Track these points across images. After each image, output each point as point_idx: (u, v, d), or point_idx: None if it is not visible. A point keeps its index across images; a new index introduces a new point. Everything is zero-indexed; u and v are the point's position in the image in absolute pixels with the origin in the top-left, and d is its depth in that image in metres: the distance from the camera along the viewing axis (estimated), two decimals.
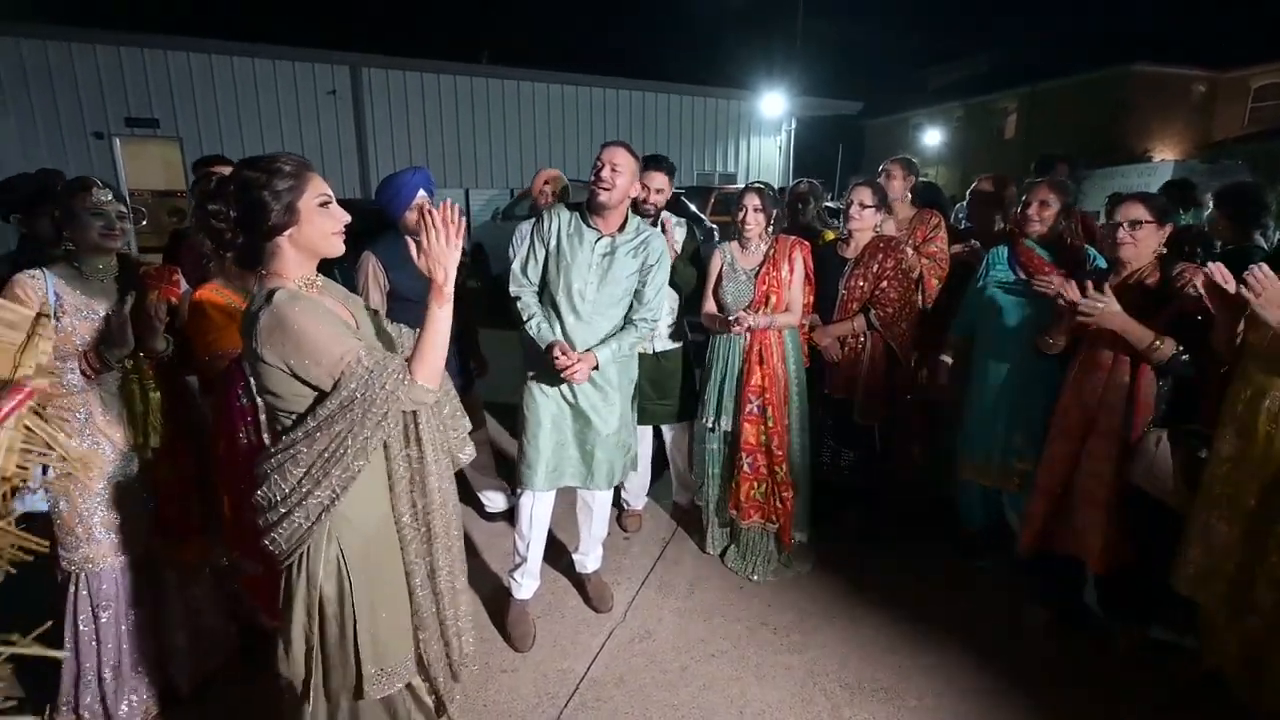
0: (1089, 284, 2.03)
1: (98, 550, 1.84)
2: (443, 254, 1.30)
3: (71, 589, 1.85)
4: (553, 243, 2.27)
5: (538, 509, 2.37)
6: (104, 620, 1.88)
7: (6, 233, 2.47)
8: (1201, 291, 1.87)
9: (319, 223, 1.31)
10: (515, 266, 2.36)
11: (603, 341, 2.26)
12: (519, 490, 2.38)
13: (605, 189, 2.17)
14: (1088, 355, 2.15)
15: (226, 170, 2.41)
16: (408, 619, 1.47)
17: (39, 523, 1.81)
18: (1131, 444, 2.07)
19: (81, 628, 1.86)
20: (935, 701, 2.09)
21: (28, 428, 1.41)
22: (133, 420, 1.89)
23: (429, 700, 1.55)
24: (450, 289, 1.32)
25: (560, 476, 2.35)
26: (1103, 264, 2.36)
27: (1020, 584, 2.60)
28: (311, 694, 1.36)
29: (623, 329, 2.31)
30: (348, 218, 1.35)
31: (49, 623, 1.25)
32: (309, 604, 1.32)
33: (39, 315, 1.57)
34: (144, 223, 11.97)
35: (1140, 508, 2.11)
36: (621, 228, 2.29)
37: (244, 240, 1.29)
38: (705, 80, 17.15)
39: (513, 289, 2.33)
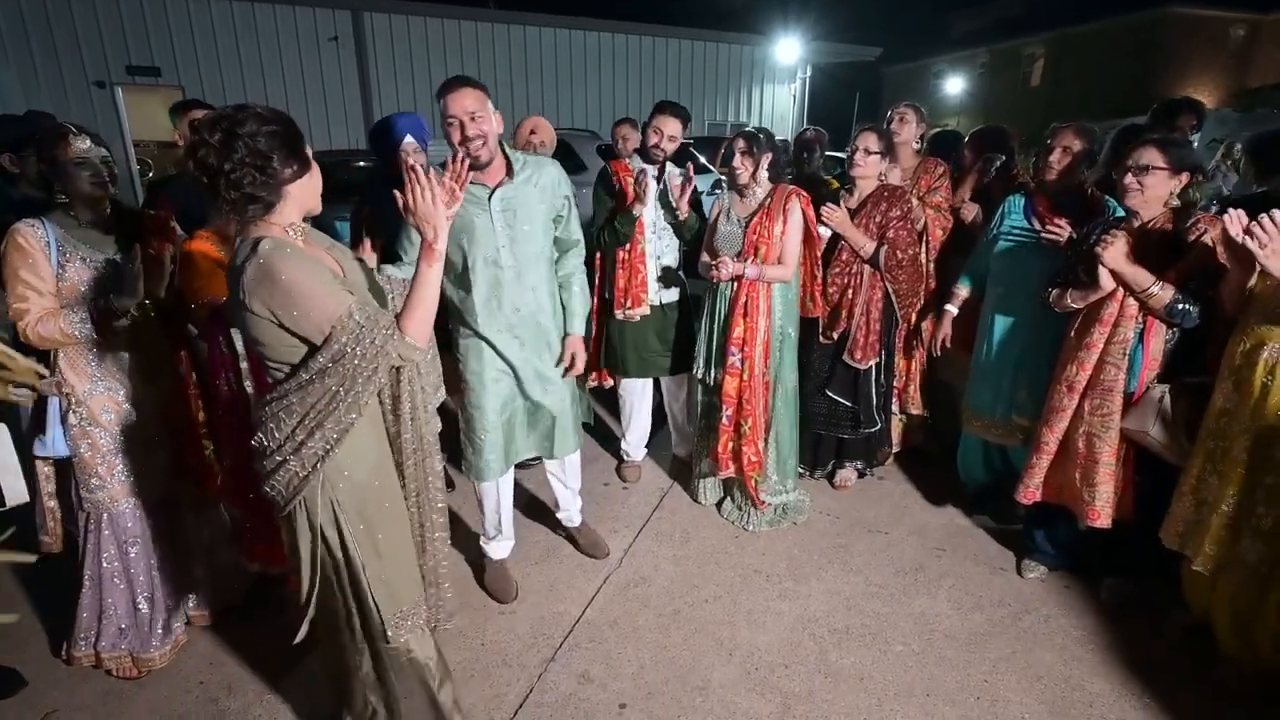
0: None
1: (120, 490, 1.90)
2: (430, 212, 1.28)
3: (94, 528, 1.92)
4: None
5: (502, 491, 2.31)
6: (133, 555, 1.96)
7: None
8: (1216, 244, 1.82)
9: (315, 175, 1.33)
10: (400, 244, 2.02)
11: (568, 324, 2.25)
12: (475, 482, 2.26)
13: (482, 143, 1.87)
14: (1090, 309, 2.11)
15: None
16: (415, 563, 1.51)
17: (62, 466, 1.89)
18: (1135, 399, 2.05)
19: (105, 564, 1.94)
20: (921, 646, 2.14)
21: None
22: (143, 365, 1.92)
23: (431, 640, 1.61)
24: (441, 246, 1.30)
25: (516, 452, 2.23)
26: (1122, 215, 2.29)
27: (1018, 536, 2.62)
28: (322, 635, 1.42)
29: (572, 291, 2.24)
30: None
31: (12, 528, 1.23)
32: (313, 550, 1.36)
33: None
34: (150, 175, 11.92)
35: (1143, 463, 2.10)
36: (510, 172, 2.01)
37: (259, 191, 1.24)
38: (717, 25, 16.54)
39: (395, 270, 1.98)
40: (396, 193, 1.30)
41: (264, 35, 12.07)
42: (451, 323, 2.16)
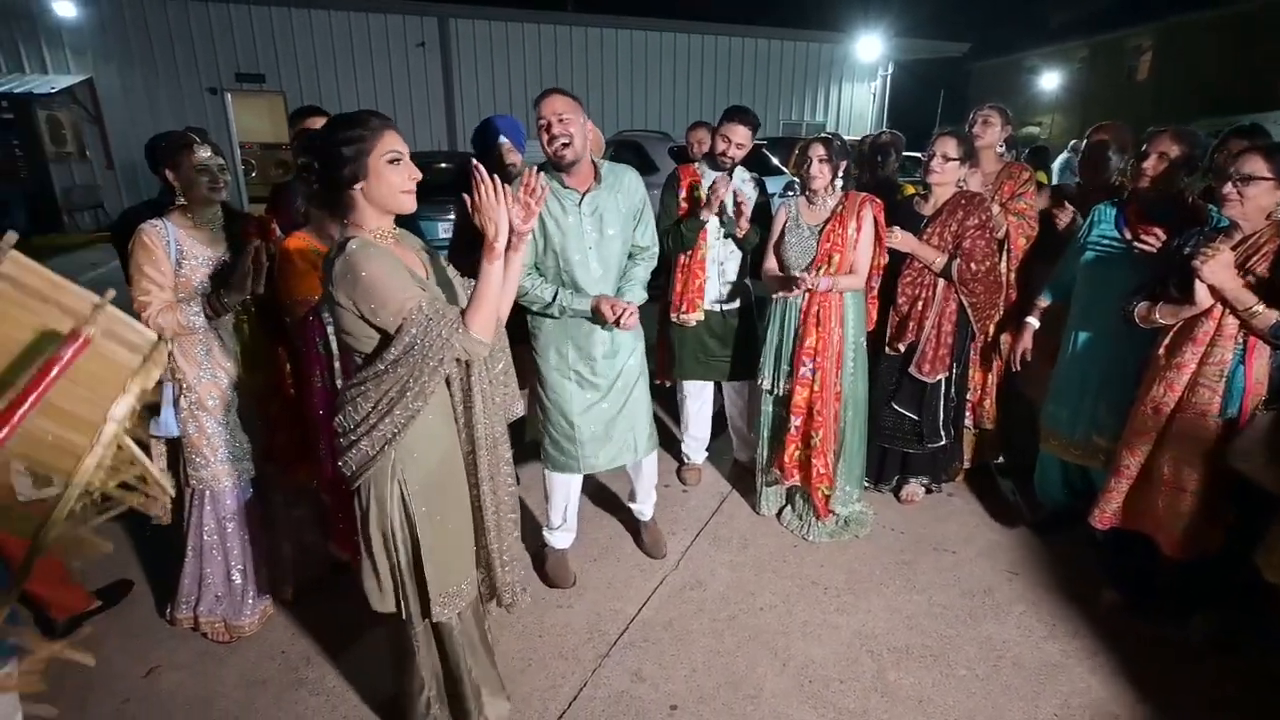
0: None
1: (221, 470, 2.08)
2: (492, 209, 1.35)
3: (197, 504, 2.11)
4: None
5: (573, 484, 2.40)
6: (230, 530, 2.15)
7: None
8: None
9: (388, 178, 1.37)
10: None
11: (621, 289, 2.24)
12: (549, 474, 2.37)
13: (565, 143, 1.99)
14: (1183, 326, 1.97)
15: (320, 122, 2.54)
16: (470, 548, 1.61)
17: (172, 445, 2.08)
18: (1241, 427, 1.90)
19: (205, 537, 2.13)
20: (986, 672, 2.06)
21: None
22: (245, 356, 2.10)
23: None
24: (501, 245, 1.36)
25: (610, 459, 2.34)
26: (1224, 225, 2.13)
27: (1095, 562, 2.47)
28: (402, 608, 1.54)
29: (633, 267, 2.28)
30: (418, 175, 1.41)
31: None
32: (383, 527, 1.47)
33: (160, 340, 1.41)
34: (253, 175, 12.82)
35: (1234, 493, 1.95)
36: (596, 177, 2.14)
37: (325, 191, 1.39)
38: (795, 24, 16.26)
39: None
40: (465, 195, 1.37)
41: (357, 42, 12.76)
42: (535, 325, 2.25)
